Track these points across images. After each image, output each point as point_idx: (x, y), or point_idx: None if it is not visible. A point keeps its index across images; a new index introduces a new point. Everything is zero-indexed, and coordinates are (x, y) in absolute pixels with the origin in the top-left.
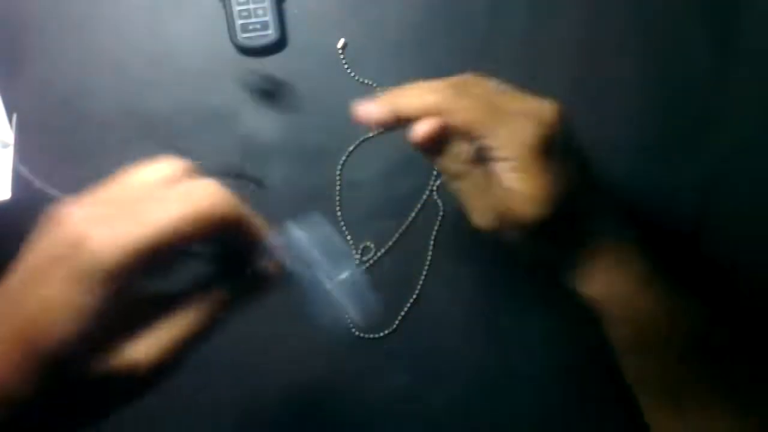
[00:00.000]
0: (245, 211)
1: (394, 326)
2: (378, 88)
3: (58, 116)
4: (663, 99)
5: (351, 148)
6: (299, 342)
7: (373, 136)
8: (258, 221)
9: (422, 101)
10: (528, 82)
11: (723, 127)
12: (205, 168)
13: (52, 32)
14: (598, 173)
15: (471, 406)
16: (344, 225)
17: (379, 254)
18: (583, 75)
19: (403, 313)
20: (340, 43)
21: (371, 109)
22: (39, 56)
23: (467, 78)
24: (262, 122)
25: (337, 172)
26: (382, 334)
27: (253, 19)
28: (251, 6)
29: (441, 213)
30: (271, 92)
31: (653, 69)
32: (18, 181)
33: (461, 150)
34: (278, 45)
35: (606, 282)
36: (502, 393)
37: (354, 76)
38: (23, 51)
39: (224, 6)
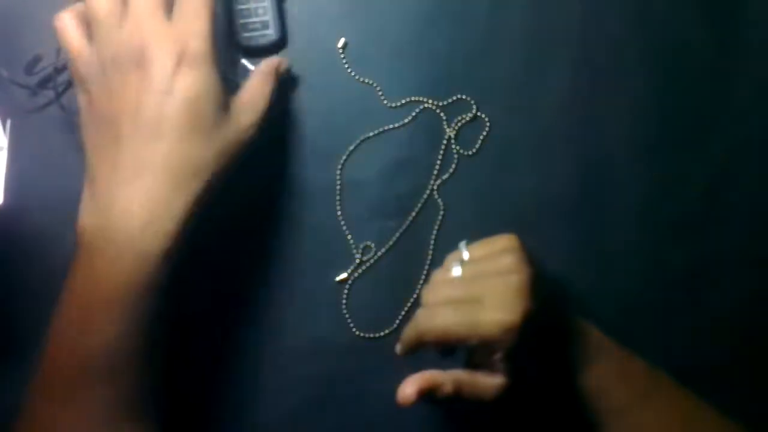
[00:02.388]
0: None
1: (394, 326)
2: (378, 88)
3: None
4: (664, 98)
5: (351, 148)
6: (299, 342)
7: (373, 136)
8: None
9: (411, 341)
10: (528, 81)
11: (725, 127)
12: None
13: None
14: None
15: (471, 406)
16: (344, 225)
17: (379, 254)
18: (583, 75)
19: (403, 313)
20: (340, 42)
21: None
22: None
23: (430, 284)
24: None
25: (337, 172)
26: (382, 334)
27: (254, 19)
28: (251, 5)
29: (441, 213)
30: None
31: (654, 68)
32: (12, 186)
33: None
34: (278, 45)
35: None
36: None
37: (354, 75)
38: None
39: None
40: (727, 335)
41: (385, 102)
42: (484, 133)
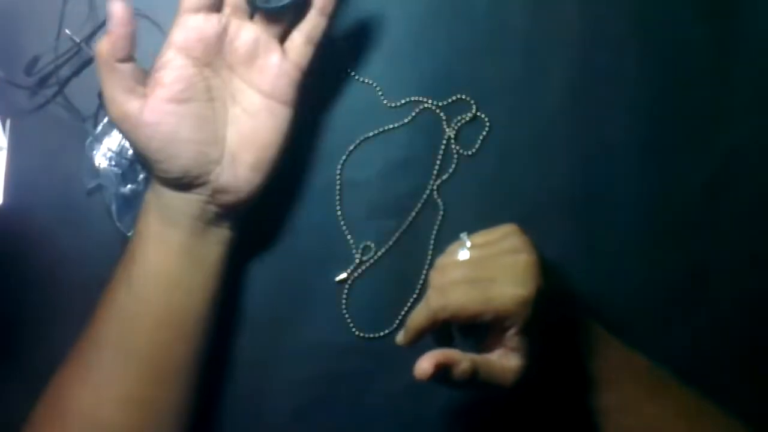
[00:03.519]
0: None
1: (394, 326)
2: (378, 88)
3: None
4: (664, 98)
5: (351, 148)
6: (299, 342)
7: (372, 136)
8: None
9: (420, 324)
10: (528, 81)
11: (725, 127)
12: None
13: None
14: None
15: (471, 407)
16: (344, 225)
17: (379, 254)
18: (583, 75)
19: (403, 313)
20: (340, 42)
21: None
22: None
23: (437, 267)
24: None
25: (337, 172)
26: (382, 334)
27: None
28: None
29: (441, 212)
30: None
31: (654, 68)
32: (12, 186)
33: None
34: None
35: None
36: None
37: (354, 75)
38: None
39: None
40: (727, 335)
41: (385, 102)
42: (484, 133)
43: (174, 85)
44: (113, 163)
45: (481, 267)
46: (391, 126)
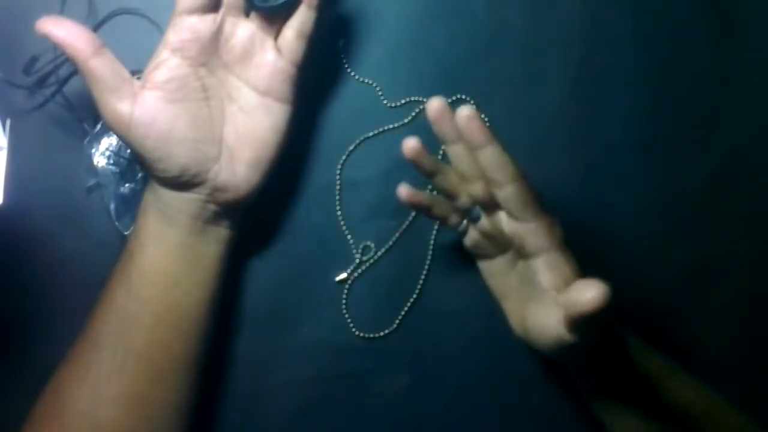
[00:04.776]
0: None
1: (394, 326)
2: (378, 88)
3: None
4: (664, 98)
5: (351, 148)
6: (299, 342)
7: (372, 136)
8: None
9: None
10: (528, 81)
11: (725, 127)
12: None
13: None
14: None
15: (471, 406)
16: (344, 225)
17: (379, 254)
18: (583, 75)
19: (403, 313)
20: (340, 42)
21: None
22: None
23: None
24: None
25: (337, 172)
26: (382, 334)
27: None
28: None
29: None
30: None
31: (653, 68)
32: (12, 186)
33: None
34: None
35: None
36: (503, 393)
37: (354, 75)
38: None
39: None
40: (727, 335)
41: (385, 102)
42: None
43: (167, 85)
44: (111, 162)
45: None
46: (391, 126)
